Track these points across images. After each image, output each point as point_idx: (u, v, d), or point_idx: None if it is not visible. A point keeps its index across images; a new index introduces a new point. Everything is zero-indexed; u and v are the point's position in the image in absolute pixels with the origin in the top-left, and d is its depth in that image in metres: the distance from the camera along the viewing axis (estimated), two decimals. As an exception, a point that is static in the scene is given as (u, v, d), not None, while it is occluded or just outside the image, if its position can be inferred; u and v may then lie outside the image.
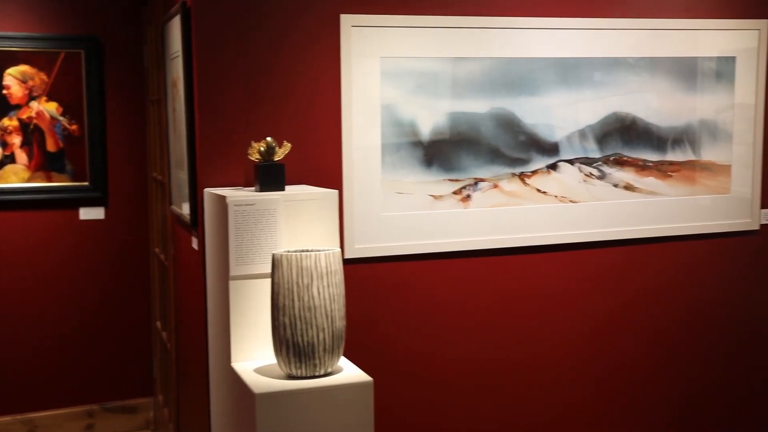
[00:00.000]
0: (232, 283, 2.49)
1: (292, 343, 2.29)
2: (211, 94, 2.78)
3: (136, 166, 4.53)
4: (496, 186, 3.15)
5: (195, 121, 2.83)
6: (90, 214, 4.48)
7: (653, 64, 3.33)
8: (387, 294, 3.07)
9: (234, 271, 2.48)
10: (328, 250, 2.33)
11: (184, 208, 3.05)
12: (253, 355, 2.53)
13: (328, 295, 2.30)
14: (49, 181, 4.37)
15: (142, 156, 4.53)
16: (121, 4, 4.45)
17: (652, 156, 3.36)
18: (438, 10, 3.03)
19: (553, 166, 3.23)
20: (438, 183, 3.08)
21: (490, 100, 3.12)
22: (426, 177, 3.06)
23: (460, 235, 3.11)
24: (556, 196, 3.24)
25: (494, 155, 3.14)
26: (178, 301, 3.54)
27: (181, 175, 3.10)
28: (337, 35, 2.91)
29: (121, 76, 4.47)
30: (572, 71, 3.21)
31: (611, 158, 3.31)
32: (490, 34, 3.09)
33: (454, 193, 3.10)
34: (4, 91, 4.26)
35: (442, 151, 3.08)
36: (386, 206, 3.01)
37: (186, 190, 2.97)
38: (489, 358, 3.23)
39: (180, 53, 2.91)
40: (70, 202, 4.43)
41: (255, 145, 2.62)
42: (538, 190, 3.21)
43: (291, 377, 2.34)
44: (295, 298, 2.28)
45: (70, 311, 4.49)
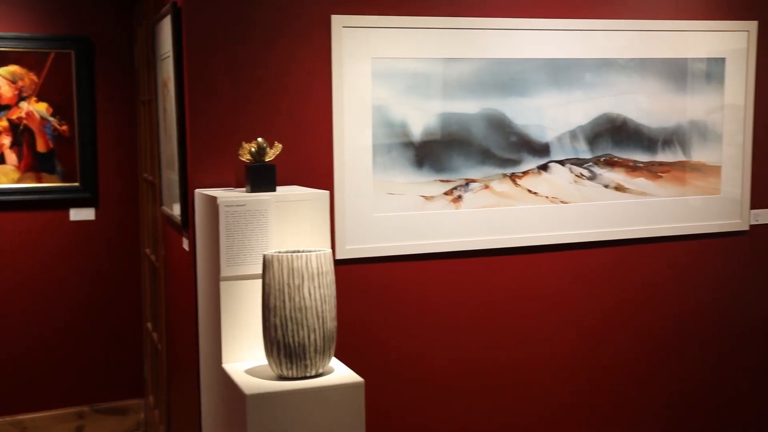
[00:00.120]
0: (222, 284, 2.49)
1: (283, 344, 2.28)
2: (202, 95, 2.78)
3: (127, 166, 4.52)
4: (487, 187, 3.16)
5: (186, 122, 2.82)
6: (80, 214, 4.47)
7: (644, 65, 3.34)
8: (378, 295, 3.07)
9: (225, 272, 2.48)
10: (319, 251, 2.33)
11: (175, 209, 3.05)
12: (244, 356, 2.52)
13: (319, 296, 2.30)
14: (39, 181, 4.35)
15: (133, 157, 4.52)
16: (111, 4, 4.44)
17: (642, 157, 3.37)
18: (429, 11, 3.03)
19: (544, 167, 3.23)
20: (429, 184, 3.08)
21: (481, 101, 3.12)
22: (417, 178, 3.06)
23: (451, 235, 3.12)
24: (547, 197, 3.24)
25: (485, 156, 3.14)
26: (169, 302, 3.53)
27: (172, 176, 3.10)
28: (328, 36, 2.91)
29: (112, 77, 4.46)
30: (563, 72, 3.22)
31: (602, 159, 3.32)
32: (481, 35, 3.10)
33: (445, 194, 3.11)
34: (-6, 92, 4.25)
35: (433, 152, 3.08)
36: (377, 207, 3.01)
37: (177, 191, 2.97)
38: (480, 359, 3.23)
39: (171, 54, 2.90)
40: (61, 202, 4.42)
41: (246, 145, 2.62)
42: (529, 191, 3.22)
43: (282, 378, 2.34)
44: (286, 299, 2.28)
45: (61, 312, 4.47)
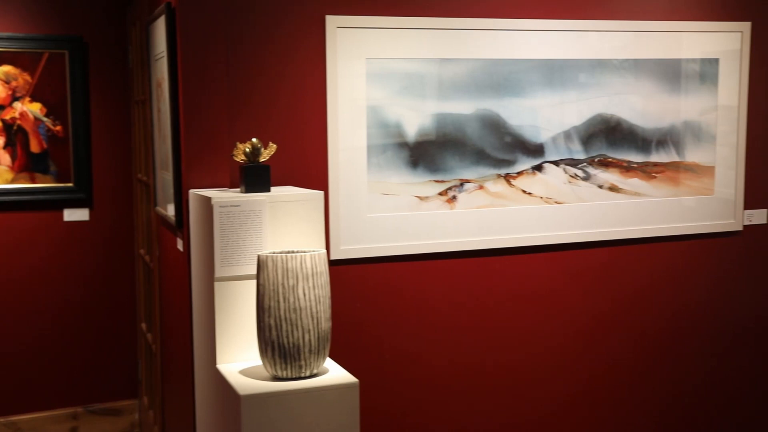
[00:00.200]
0: (217, 285, 2.48)
1: (278, 345, 2.28)
2: (196, 95, 2.77)
3: (121, 167, 4.51)
4: (481, 187, 3.16)
5: (180, 122, 2.82)
6: (74, 215, 4.46)
7: (637, 66, 3.34)
8: (373, 295, 3.07)
9: (219, 273, 2.47)
10: (313, 252, 2.33)
11: (169, 210, 3.04)
12: (238, 357, 2.52)
13: (313, 296, 2.30)
14: (33, 182, 4.34)
15: (127, 157, 4.51)
16: (105, 4, 4.43)
17: (636, 157, 3.38)
18: (423, 12, 3.03)
19: (539, 168, 3.24)
20: (424, 184, 3.08)
21: (476, 102, 3.12)
22: (412, 178, 3.06)
23: (445, 236, 3.12)
24: (542, 197, 3.25)
25: (480, 156, 3.15)
26: (163, 302, 3.52)
27: (166, 176, 3.09)
28: (323, 36, 2.91)
29: (106, 77, 4.45)
30: (557, 73, 3.23)
31: (596, 159, 3.32)
32: (476, 36, 3.10)
33: (440, 194, 3.11)
34: (-13, 92, 4.24)
35: (428, 153, 3.08)
36: (372, 207, 3.02)
37: (171, 191, 2.96)
38: (475, 359, 3.23)
39: (165, 54, 2.90)
40: (54, 203, 4.41)
41: (240, 146, 2.61)
42: (524, 191, 3.22)
43: (276, 379, 2.33)
44: (281, 300, 2.28)
45: (55, 313, 4.46)
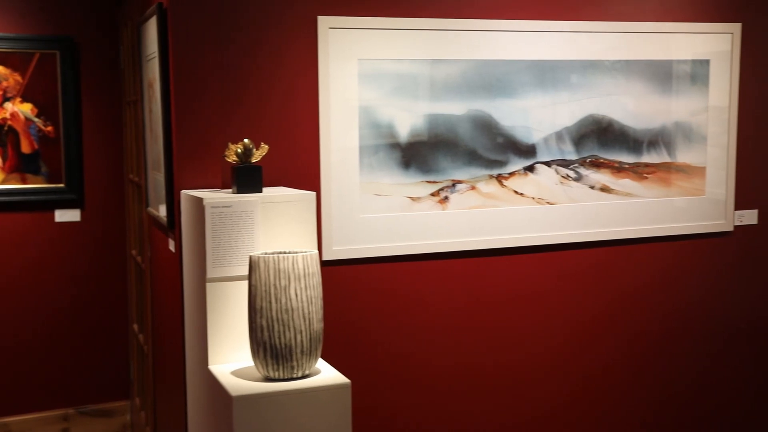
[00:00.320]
0: (209, 285, 2.48)
1: (270, 346, 2.28)
2: (188, 96, 2.77)
3: (113, 167, 4.50)
4: (473, 188, 3.16)
5: (172, 123, 2.81)
6: (66, 216, 4.44)
7: (629, 67, 3.35)
8: (365, 296, 3.07)
9: (211, 274, 2.47)
10: (305, 252, 2.33)
11: (161, 210, 3.04)
12: (230, 358, 2.52)
13: (305, 297, 2.30)
14: (24, 183, 4.33)
15: (119, 158, 4.50)
16: (96, 4, 4.42)
17: (627, 158, 3.39)
18: (416, 12, 3.03)
19: (530, 168, 3.24)
20: (416, 185, 3.08)
21: (468, 102, 3.13)
22: (404, 179, 3.06)
23: (437, 236, 3.12)
24: (533, 198, 3.25)
25: (471, 157, 3.15)
26: (155, 303, 3.52)
27: (158, 177, 3.09)
28: (315, 37, 2.91)
29: (97, 77, 4.44)
30: (549, 73, 3.23)
31: (587, 160, 3.33)
32: (468, 36, 3.10)
33: (432, 195, 3.11)
34: (-22, 92, 4.22)
35: (420, 153, 3.08)
36: (364, 208, 3.02)
37: (163, 192, 2.96)
38: (468, 360, 3.24)
39: (156, 54, 2.89)
40: (46, 204, 4.39)
41: (232, 146, 2.61)
42: (516, 192, 3.23)
43: (268, 379, 2.33)
44: (273, 300, 2.28)
45: (46, 314, 4.45)
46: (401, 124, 3.04)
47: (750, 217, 3.64)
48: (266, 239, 2.53)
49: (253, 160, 2.61)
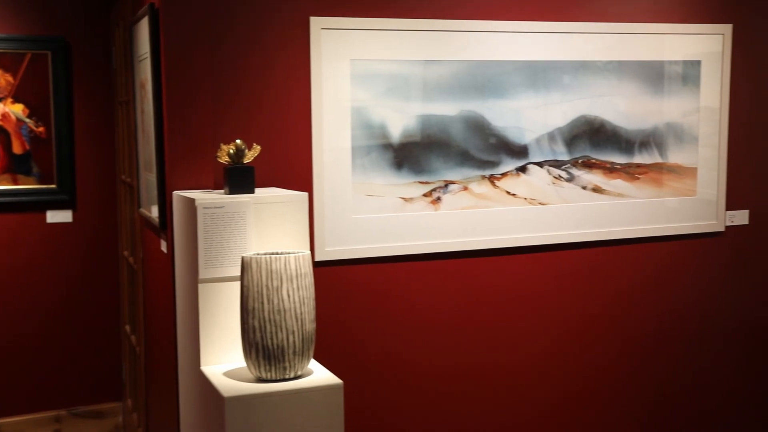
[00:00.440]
0: (201, 286, 2.48)
1: (262, 346, 2.28)
2: (180, 96, 2.77)
3: (104, 168, 4.49)
4: (465, 188, 3.17)
5: (164, 123, 2.81)
6: (57, 217, 4.43)
7: (621, 68, 3.36)
8: (357, 296, 3.07)
9: (203, 274, 2.47)
10: (297, 253, 2.33)
11: (153, 211, 3.03)
12: (222, 359, 2.51)
13: (298, 298, 2.30)
14: (15, 183, 4.31)
15: (111, 158, 4.49)
16: (88, 5, 4.41)
17: (619, 158, 3.40)
18: (408, 13, 3.04)
19: (523, 169, 3.25)
20: (408, 185, 3.09)
21: (460, 103, 3.13)
22: (396, 179, 3.07)
23: (430, 237, 3.12)
24: (526, 198, 3.26)
25: (464, 158, 3.15)
26: (147, 304, 3.51)
27: (150, 178, 3.08)
28: (307, 38, 2.91)
29: (89, 78, 4.42)
30: (541, 74, 3.24)
31: (580, 161, 3.34)
32: (460, 37, 3.11)
33: (425, 196, 3.11)
34: (-31, 93, 4.21)
35: (413, 154, 3.08)
36: (356, 209, 3.02)
37: (155, 193, 2.95)
38: (460, 360, 3.24)
39: (148, 55, 2.89)
40: (37, 204, 4.38)
41: (224, 147, 2.61)
42: (508, 193, 3.23)
43: (260, 380, 2.33)
44: (265, 301, 2.27)
45: (38, 316, 4.43)
46: (394, 125, 3.05)
47: (741, 218, 3.65)
48: (258, 240, 2.53)
49: (246, 161, 2.61)
